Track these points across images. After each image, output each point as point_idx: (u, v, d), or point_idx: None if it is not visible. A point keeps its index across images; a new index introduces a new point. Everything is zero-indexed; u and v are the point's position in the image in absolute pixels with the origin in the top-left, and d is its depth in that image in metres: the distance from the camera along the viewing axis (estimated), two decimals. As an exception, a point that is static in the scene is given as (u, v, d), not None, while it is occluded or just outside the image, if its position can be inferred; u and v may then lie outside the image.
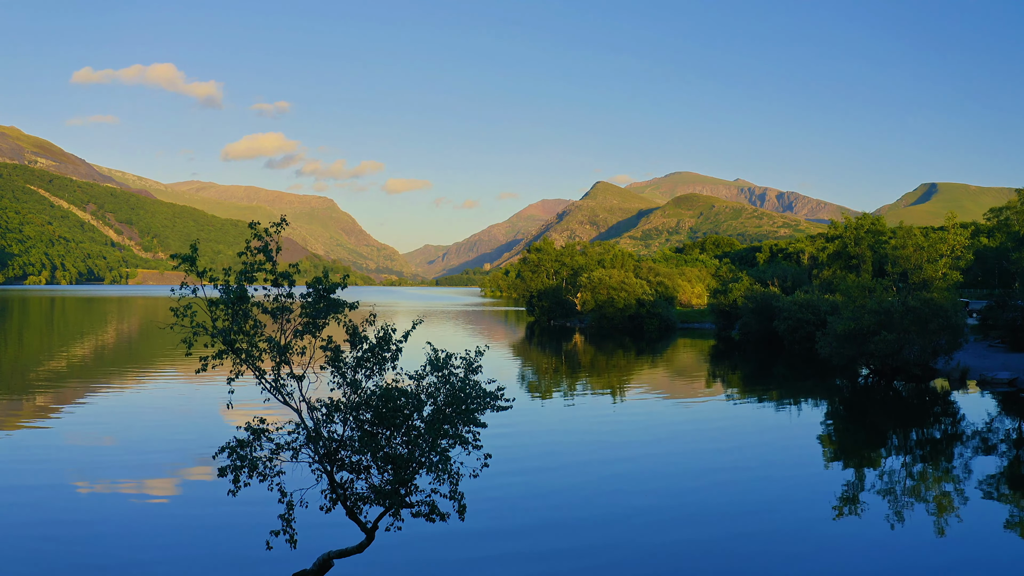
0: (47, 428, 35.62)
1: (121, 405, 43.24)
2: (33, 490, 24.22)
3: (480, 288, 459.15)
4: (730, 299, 69.32)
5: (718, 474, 22.71)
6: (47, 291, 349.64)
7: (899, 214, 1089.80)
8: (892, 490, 22.01)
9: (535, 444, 25.37)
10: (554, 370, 53.35)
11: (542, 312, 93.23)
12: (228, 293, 10.74)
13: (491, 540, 15.58)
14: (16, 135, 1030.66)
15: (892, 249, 39.22)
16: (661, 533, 16.89)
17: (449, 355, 12.31)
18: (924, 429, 30.38)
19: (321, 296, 11.38)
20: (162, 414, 38.92)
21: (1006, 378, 35.50)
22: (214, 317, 10.81)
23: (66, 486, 24.62)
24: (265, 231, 11.04)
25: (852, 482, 22.82)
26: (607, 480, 21.13)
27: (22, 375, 51.26)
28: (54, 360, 57.52)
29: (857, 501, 20.82)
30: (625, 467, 22.70)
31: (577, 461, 23.17)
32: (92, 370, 56.34)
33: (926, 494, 21.79)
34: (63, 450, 31.71)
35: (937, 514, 19.55)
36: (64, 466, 28.47)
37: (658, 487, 20.92)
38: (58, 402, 42.57)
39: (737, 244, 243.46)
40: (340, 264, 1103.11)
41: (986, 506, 20.33)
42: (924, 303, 35.77)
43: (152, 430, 35.93)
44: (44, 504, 22.37)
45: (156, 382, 47.20)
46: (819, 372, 43.17)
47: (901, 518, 19.27)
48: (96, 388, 45.16)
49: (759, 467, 24.40)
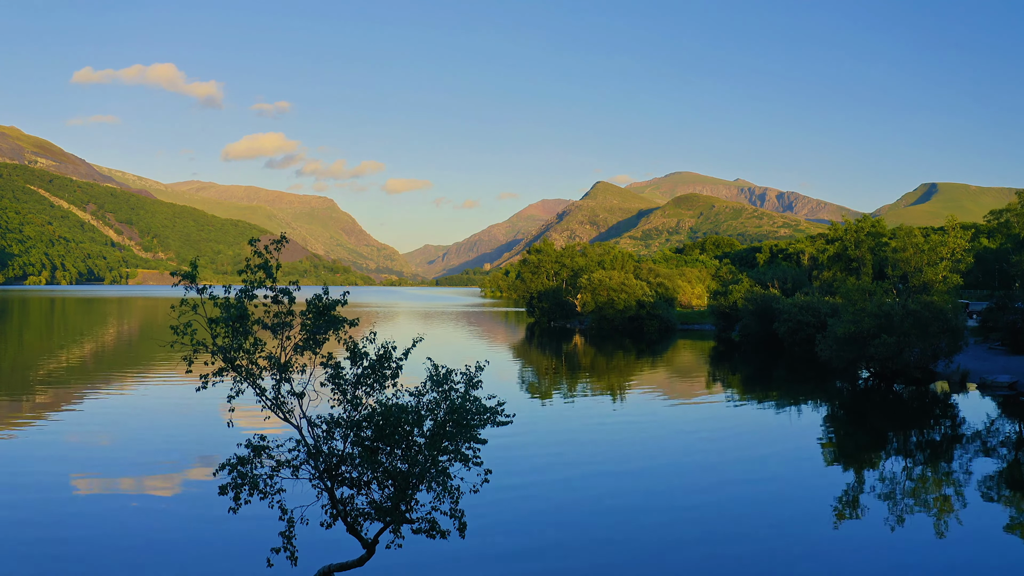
0: (46, 428, 35.63)
1: (121, 405, 43.24)
2: (34, 489, 24.25)
3: (480, 288, 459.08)
4: (730, 301, 69.28)
5: (722, 483, 22.72)
6: (47, 292, 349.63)
7: (899, 214, 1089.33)
8: (892, 493, 22.10)
9: (535, 455, 25.21)
10: (554, 371, 53.66)
11: (542, 313, 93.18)
12: (228, 311, 10.70)
13: (492, 559, 15.55)
14: (16, 135, 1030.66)
15: (892, 252, 39.13)
16: (664, 543, 16.87)
17: (449, 371, 12.25)
18: (924, 433, 30.39)
19: (321, 313, 11.36)
20: (162, 414, 38.93)
21: (1006, 381, 35.48)
22: (214, 335, 10.78)
23: (66, 487, 24.63)
24: (266, 248, 11.01)
25: (852, 485, 22.92)
26: (609, 495, 21.05)
27: (23, 375, 51.26)
28: (54, 361, 57.39)
29: (857, 504, 20.92)
30: (627, 482, 22.64)
31: (578, 474, 23.03)
32: (92, 371, 56.31)
33: (926, 497, 21.87)
34: (64, 449, 31.73)
35: (937, 516, 19.63)
36: (65, 466, 28.50)
37: (659, 500, 20.88)
38: (59, 402, 42.55)
39: (737, 244, 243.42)
40: (340, 264, 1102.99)
41: (985, 509, 20.39)
42: (924, 306, 35.73)
43: (153, 431, 35.95)
44: (44, 503, 22.41)
45: (156, 382, 47.16)
46: (819, 374, 43.15)
47: (901, 521, 19.35)
48: (96, 388, 45.13)
49: (760, 470, 24.50)
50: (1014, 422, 30.94)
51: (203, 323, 10.72)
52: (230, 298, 10.89)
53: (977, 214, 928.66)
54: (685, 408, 36.33)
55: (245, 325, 10.67)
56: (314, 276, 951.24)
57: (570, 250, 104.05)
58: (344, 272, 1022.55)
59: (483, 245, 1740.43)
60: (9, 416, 37.42)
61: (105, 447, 31.75)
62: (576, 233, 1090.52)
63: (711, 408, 36.46)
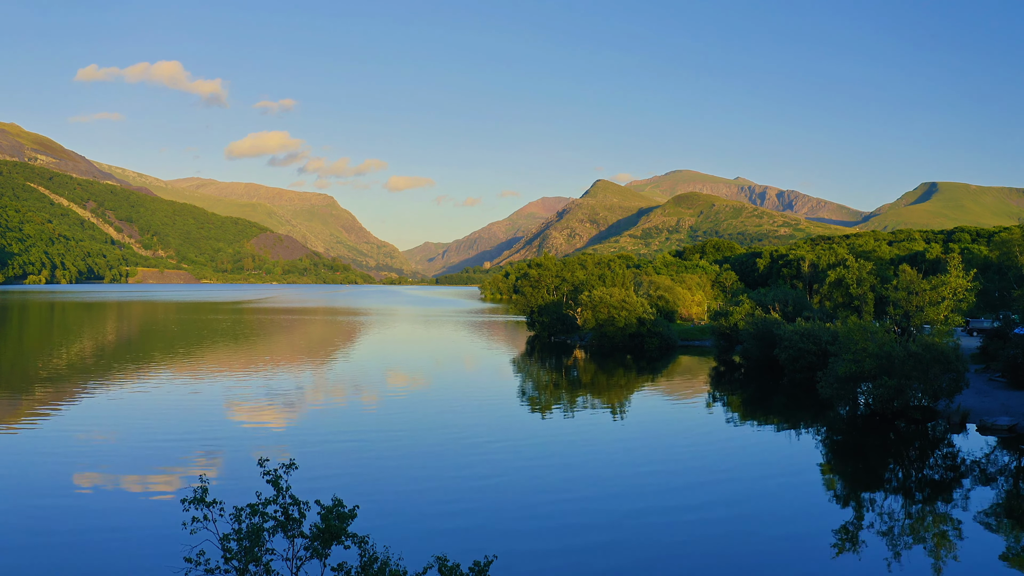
0: (48, 427, 35.79)
1: (121, 404, 43.42)
2: (33, 488, 24.48)
3: (480, 288, 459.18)
4: (731, 322, 69.48)
5: (720, 518, 23.22)
6: (47, 292, 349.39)
7: (899, 213, 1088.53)
8: (890, 530, 22.69)
9: (535, 505, 25.00)
10: (555, 385, 55.49)
11: (543, 327, 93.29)
12: (240, 544, 10.50)
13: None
14: (16, 132, 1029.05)
15: (894, 290, 39.21)
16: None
17: (456, 565, 11.77)
18: (921, 471, 30.72)
19: (327, 535, 10.98)
20: (162, 414, 39.08)
21: (1006, 424, 35.58)
22: (228, 556, 10.64)
23: (68, 484, 24.85)
24: (277, 474, 10.93)
25: (851, 520, 23.57)
26: (596, 529, 21.41)
27: (23, 376, 51.43)
28: (55, 361, 57.51)
29: (856, 540, 21.39)
30: (618, 514, 23.02)
31: (577, 516, 23.03)
32: (92, 371, 56.55)
33: (923, 534, 22.55)
34: (66, 446, 31.91)
35: (935, 557, 20.04)
36: (67, 463, 28.71)
37: (651, 533, 21.22)
38: (59, 402, 42.76)
39: (738, 248, 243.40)
40: (340, 262, 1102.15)
41: (982, 544, 20.92)
42: (926, 348, 35.84)
43: (153, 430, 36.11)
44: (44, 502, 22.66)
45: (156, 382, 47.37)
46: (819, 402, 43.31)
47: (898, 556, 19.88)
48: (96, 389, 45.38)
49: (757, 502, 25.08)
50: (1011, 464, 31.08)
51: (214, 540, 10.71)
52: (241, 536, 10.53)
53: (977, 214, 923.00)
54: (683, 435, 37.04)
55: (257, 547, 10.50)
56: (314, 274, 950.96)
57: (571, 264, 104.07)
58: (344, 270, 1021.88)
59: (483, 243, 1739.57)
60: (9, 416, 37.61)
61: (105, 445, 31.98)
62: (576, 231, 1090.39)
63: (710, 435, 37.04)
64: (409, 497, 24.80)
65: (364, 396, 48.26)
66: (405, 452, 31.84)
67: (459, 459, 30.59)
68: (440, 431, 36.38)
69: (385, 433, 35.82)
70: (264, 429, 37.02)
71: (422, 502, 24.21)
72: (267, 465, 11.40)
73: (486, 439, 34.58)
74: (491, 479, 27.26)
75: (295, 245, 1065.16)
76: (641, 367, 67.24)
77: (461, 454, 31.54)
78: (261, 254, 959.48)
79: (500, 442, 33.98)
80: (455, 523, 22.21)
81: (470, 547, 18.89)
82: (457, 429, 36.90)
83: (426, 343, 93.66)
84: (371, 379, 56.83)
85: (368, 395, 48.74)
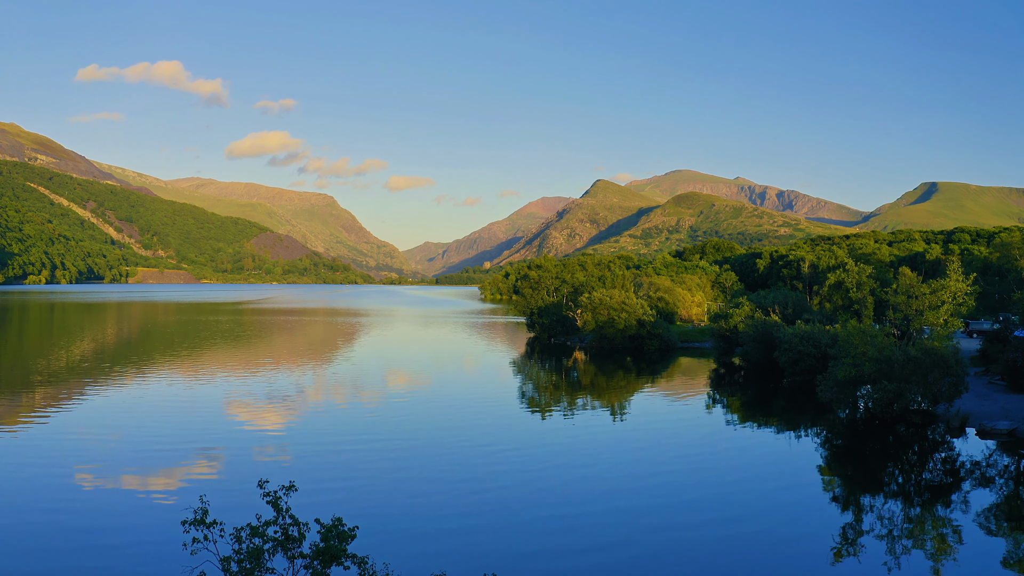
0: (48, 428, 35.82)
1: (121, 404, 43.46)
2: (34, 487, 24.51)
3: (480, 288, 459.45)
4: (731, 324, 69.54)
5: (720, 519, 23.30)
6: (47, 292, 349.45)
7: (899, 213, 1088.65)
8: (889, 533, 22.83)
9: (535, 520, 25.00)
10: (555, 387, 55.71)
11: (543, 329, 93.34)
12: (241, 565, 10.61)
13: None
14: (16, 132, 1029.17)
15: (894, 294, 39.26)
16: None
17: None
18: (921, 475, 30.77)
19: (327, 556, 11.07)
20: (163, 413, 39.10)
21: (1005, 428, 35.61)
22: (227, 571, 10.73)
23: (66, 493, 24.85)
24: (276, 495, 10.99)
25: (850, 523, 23.70)
26: (597, 531, 21.50)
27: (23, 377, 51.48)
28: (54, 362, 57.61)
29: (856, 544, 21.54)
30: (619, 514, 23.10)
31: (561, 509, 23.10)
32: (92, 372, 56.64)
33: (923, 538, 22.64)
34: (67, 445, 31.93)
35: (934, 561, 20.13)
36: (67, 462, 28.70)
37: (650, 536, 21.31)
38: (59, 403, 42.78)
39: (738, 248, 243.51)
40: (340, 262, 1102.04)
41: (982, 548, 21.00)
42: (926, 352, 35.88)
43: (153, 429, 36.14)
44: (46, 500, 22.70)
45: (156, 384, 47.42)
46: (819, 405, 43.36)
47: (898, 561, 19.91)
48: (96, 390, 45.44)
49: (757, 505, 25.24)
50: (1011, 468, 31.12)
51: (214, 561, 10.75)
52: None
53: (977, 213, 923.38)
54: (683, 437, 37.22)
55: (257, 567, 10.57)
56: (314, 274, 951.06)
57: (571, 265, 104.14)
58: (344, 270, 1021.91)
59: (483, 243, 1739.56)
60: (10, 415, 37.64)
61: (105, 448, 32.01)
62: (576, 231, 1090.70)
63: (709, 438, 37.23)
64: (409, 510, 24.60)
65: (364, 398, 48.29)
66: (405, 458, 31.81)
67: (458, 465, 30.57)
68: (440, 434, 36.39)
69: (385, 438, 35.81)
70: (264, 432, 37.01)
71: (422, 516, 23.98)
72: (267, 487, 11.43)
73: (486, 443, 34.58)
74: (491, 492, 27.06)
75: (295, 245, 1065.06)
76: (641, 369, 67.26)
77: (460, 460, 31.52)
78: (261, 254, 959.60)
79: (501, 447, 33.97)
80: (455, 537, 22.11)
81: (471, 566, 18.84)
82: (457, 432, 36.92)
83: (426, 344, 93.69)
84: (371, 381, 56.85)
85: (368, 397, 48.77)
